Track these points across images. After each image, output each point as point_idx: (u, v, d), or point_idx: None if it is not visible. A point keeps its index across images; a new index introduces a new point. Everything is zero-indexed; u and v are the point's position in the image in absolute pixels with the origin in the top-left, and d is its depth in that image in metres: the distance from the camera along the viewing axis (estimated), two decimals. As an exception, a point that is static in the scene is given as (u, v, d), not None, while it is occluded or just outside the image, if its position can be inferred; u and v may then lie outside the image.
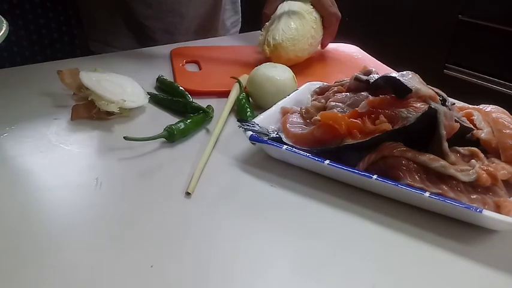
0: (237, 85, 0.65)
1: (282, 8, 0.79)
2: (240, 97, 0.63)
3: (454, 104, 0.53)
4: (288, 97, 0.59)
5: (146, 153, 0.53)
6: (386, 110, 0.48)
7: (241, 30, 1.12)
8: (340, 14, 0.82)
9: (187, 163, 0.50)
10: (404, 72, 0.51)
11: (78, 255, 0.38)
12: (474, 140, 0.49)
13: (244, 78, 0.66)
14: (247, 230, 0.42)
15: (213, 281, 0.36)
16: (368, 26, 1.89)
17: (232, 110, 0.62)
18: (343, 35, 0.90)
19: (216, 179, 0.49)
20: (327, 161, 0.46)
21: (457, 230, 0.43)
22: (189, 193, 0.45)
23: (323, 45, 0.84)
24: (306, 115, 0.54)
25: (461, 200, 0.42)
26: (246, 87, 0.66)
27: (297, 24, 0.75)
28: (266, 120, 0.55)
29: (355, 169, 0.45)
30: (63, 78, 0.61)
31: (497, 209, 0.41)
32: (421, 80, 0.51)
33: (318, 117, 0.49)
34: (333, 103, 0.54)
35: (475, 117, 0.51)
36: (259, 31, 0.81)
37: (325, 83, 0.62)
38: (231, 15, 1.10)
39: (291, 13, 0.76)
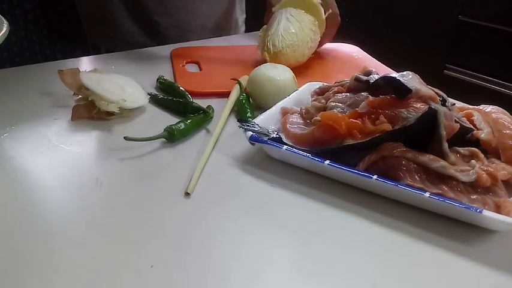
0: (237, 86, 0.65)
1: (281, 10, 0.78)
2: (240, 98, 0.62)
3: (454, 104, 0.53)
4: (288, 97, 0.59)
5: (146, 153, 0.53)
6: (386, 110, 0.48)
7: (246, 30, 1.13)
8: (339, 19, 0.82)
9: (187, 163, 0.50)
10: (405, 73, 0.51)
11: (78, 255, 0.38)
12: (474, 140, 0.49)
13: (244, 79, 0.66)
14: (247, 230, 0.42)
15: (213, 281, 0.36)
16: (368, 26, 1.89)
17: (232, 111, 0.62)
18: (343, 35, 0.90)
19: (216, 179, 0.49)
20: (327, 161, 0.46)
21: (457, 230, 0.43)
22: (189, 193, 0.45)
23: (320, 44, 0.84)
24: (306, 115, 0.54)
25: (461, 200, 0.42)
26: (246, 87, 0.65)
27: (296, 28, 0.74)
28: (266, 120, 0.55)
29: (355, 169, 0.45)
30: (64, 78, 0.61)
31: (497, 209, 0.41)
32: (421, 80, 0.51)
33: (318, 118, 0.49)
34: (333, 103, 0.54)
35: (475, 118, 0.51)
36: (259, 31, 0.80)
37: (325, 83, 0.62)
38: (240, 13, 1.10)
39: (289, 15, 0.75)
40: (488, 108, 0.53)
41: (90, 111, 0.58)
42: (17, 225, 0.41)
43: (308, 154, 0.47)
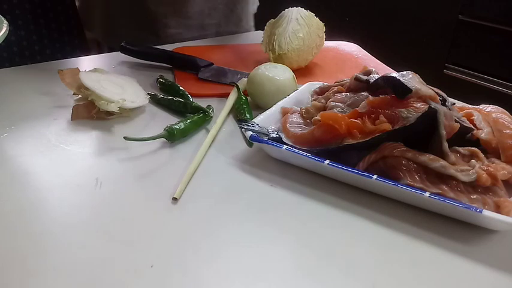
0: (235, 89, 0.65)
1: (292, 8, 0.77)
2: (239, 102, 0.62)
3: (454, 104, 0.53)
4: (288, 97, 0.59)
5: (146, 153, 0.53)
6: (386, 110, 0.48)
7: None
8: None
9: (187, 163, 0.50)
10: (405, 72, 0.51)
11: (78, 255, 0.38)
12: (474, 140, 0.49)
13: (243, 82, 0.66)
14: (247, 229, 0.42)
15: (213, 281, 0.36)
16: (368, 27, 1.89)
17: (231, 111, 0.62)
18: (343, 36, 0.90)
19: (215, 179, 0.49)
20: (327, 161, 0.46)
21: (457, 230, 0.43)
22: (176, 198, 0.45)
23: None
24: (306, 115, 0.54)
25: (461, 200, 0.42)
26: (245, 90, 0.65)
27: (304, 32, 0.73)
28: (266, 120, 0.55)
29: (355, 169, 0.45)
30: (64, 78, 0.61)
31: (497, 209, 0.41)
32: (421, 80, 0.51)
33: (318, 117, 0.49)
34: (333, 103, 0.54)
35: (475, 117, 0.51)
36: (261, 31, 0.80)
37: (325, 83, 0.62)
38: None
39: (299, 17, 0.74)
40: (488, 108, 0.53)
41: (90, 111, 0.58)
42: (16, 225, 0.41)
43: (308, 154, 0.47)
